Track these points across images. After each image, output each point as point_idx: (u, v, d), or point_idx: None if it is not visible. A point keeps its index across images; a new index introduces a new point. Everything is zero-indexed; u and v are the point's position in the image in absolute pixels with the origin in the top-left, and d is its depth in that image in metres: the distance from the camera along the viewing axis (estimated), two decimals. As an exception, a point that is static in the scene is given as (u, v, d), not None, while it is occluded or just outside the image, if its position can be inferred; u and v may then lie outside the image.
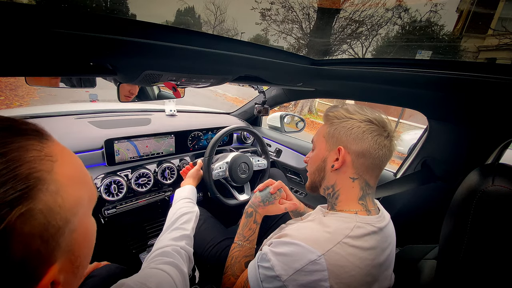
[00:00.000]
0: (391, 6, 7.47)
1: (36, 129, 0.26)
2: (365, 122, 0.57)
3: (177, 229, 0.69)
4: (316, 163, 0.63)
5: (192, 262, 0.65)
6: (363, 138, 0.55)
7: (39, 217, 0.22)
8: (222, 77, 0.78)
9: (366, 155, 0.55)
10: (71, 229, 0.25)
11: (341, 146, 0.57)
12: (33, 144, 0.24)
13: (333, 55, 8.34)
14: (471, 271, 0.47)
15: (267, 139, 1.70)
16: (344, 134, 0.57)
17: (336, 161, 0.58)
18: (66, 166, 0.27)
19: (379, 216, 0.57)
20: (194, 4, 12.64)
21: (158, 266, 0.53)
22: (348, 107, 0.60)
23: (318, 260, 0.47)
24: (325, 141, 0.61)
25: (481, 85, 0.59)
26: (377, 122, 0.57)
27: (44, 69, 0.46)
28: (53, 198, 0.23)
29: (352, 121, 0.57)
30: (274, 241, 0.54)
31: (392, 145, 0.57)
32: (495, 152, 0.80)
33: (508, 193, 0.42)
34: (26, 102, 5.31)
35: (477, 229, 0.45)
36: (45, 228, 0.22)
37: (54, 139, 0.28)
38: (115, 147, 1.10)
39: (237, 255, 0.71)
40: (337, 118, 0.60)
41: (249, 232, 0.75)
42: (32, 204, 0.21)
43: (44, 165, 0.24)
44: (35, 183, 0.22)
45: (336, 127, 0.59)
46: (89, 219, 0.31)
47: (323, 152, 0.61)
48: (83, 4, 4.57)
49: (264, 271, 0.52)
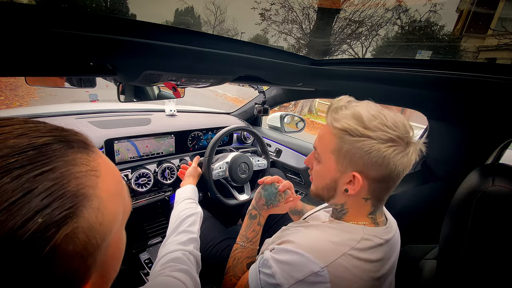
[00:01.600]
0: (391, 6, 7.47)
1: (83, 140, 0.25)
2: (387, 143, 0.45)
3: (184, 232, 0.67)
4: (324, 181, 0.55)
5: (199, 267, 0.64)
6: (384, 164, 0.46)
7: (81, 236, 0.21)
8: (222, 77, 0.78)
9: (386, 179, 0.48)
10: (106, 246, 0.24)
11: (357, 172, 0.48)
12: (81, 158, 0.23)
13: (333, 55, 8.34)
14: (471, 271, 0.47)
15: (267, 139, 1.70)
16: (360, 158, 0.47)
17: (349, 184, 0.51)
18: (108, 181, 0.25)
19: (386, 227, 0.55)
20: (194, 4, 12.64)
21: (172, 274, 0.51)
22: (362, 114, 0.47)
23: (321, 272, 0.46)
24: (334, 159, 0.51)
25: (481, 85, 0.59)
26: (400, 139, 0.46)
27: (44, 69, 0.46)
28: (95, 215, 0.22)
29: (370, 141, 0.46)
30: (277, 247, 0.53)
31: (414, 157, 0.48)
32: (495, 152, 0.80)
33: (508, 193, 0.42)
34: (26, 102, 5.30)
35: (477, 229, 0.45)
36: (85, 247, 0.21)
37: (98, 151, 0.27)
38: (115, 147, 1.10)
39: (240, 256, 0.70)
40: (349, 134, 0.47)
41: (253, 234, 0.73)
42: (76, 223, 0.20)
43: (90, 180, 0.23)
44: (81, 201, 0.21)
45: (348, 147, 0.48)
46: (122, 233, 0.29)
47: (333, 172, 0.52)
48: (83, 4, 4.56)
49: (265, 278, 0.51)
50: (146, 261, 1.23)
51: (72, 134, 0.25)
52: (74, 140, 0.24)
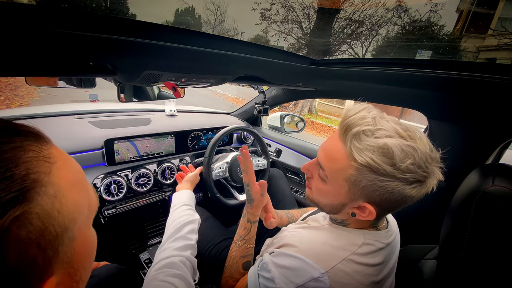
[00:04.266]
0: (391, 6, 7.47)
1: (34, 131, 0.25)
2: (413, 184, 0.41)
3: (181, 239, 0.67)
4: (329, 202, 0.51)
5: (196, 274, 0.64)
6: (403, 200, 0.43)
7: (36, 221, 0.20)
8: (222, 77, 0.78)
9: (399, 207, 0.46)
10: (70, 238, 0.24)
11: (369, 205, 0.45)
12: (31, 145, 0.23)
13: (333, 55, 8.34)
14: (471, 271, 0.46)
15: (267, 139, 1.70)
16: (379, 195, 0.43)
17: (358, 209, 0.47)
18: (65, 169, 0.25)
19: (387, 230, 0.54)
20: (194, 4, 12.64)
21: (166, 278, 0.51)
22: (394, 152, 0.39)
23: (321, 278, 0.46)
24: (346, 188, 0.46)
25: (481, 85, 0.59)
26: (427, 177, 0.42)
27: (44, 69, 0.46)
28: (51, 202, 0.22)
29: (395, 183, 0.41)
30: (276, 251, 0.53)
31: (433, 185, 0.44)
32: (495, 152, 0.80)
33: (508, 193, 0.42)
34: (26, 102, 5.30)
35: (477, 229, 0.45)
36: (42, 234, 0.21)
37: (52, 143, 0.27)
38: (115, 147, 1.10)
39: (235, 255, 0.70)
40: (373, 172, 0.41)
41: (244, 231, 0.73)
42: (28, 207, 0.20)
43: (42, 166, 0.23)
44: (32, 185, 0.21)
45: (368, 183, 0.42)
46: (89, 229, 0.29)
47: (342, 197, 0.48)
48: (83, 4, 4.57)
49: (264, 282, 0.51)
50: (146, 261, 1.23)
51: (21, 125, 0.25)
52: (23, 130, 0.24)
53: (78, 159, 1.02)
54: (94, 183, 1.02)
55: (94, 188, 1.01)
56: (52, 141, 0.27)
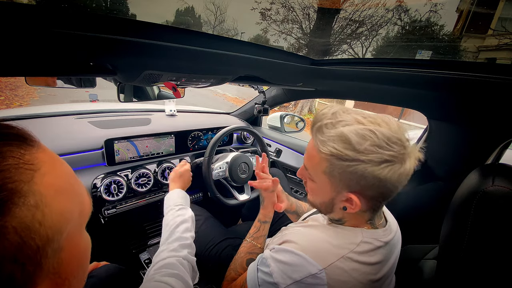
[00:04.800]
0: (391, 6, 7.47)
1: (19, 133, 0.23)
2: (382, 164, 0.42)
3: (176, 241, 0.66)
4: (321, 199, 0.54)
5: (196, 273, 0.64)
6: (381, 184, 0.44)
7: (12, 236, 0.18)
8: (222, 77, 0.78)
9: (385, 195, 0.46)
10: (55, 249, 0.22)
11: (353, 194, 0.46)
12: (12, 150, 0.21)
13: (333, 55, 8.34)
14: (471, 271, 0.47)
15: (267, 139, 1.70)
16: (355, 182, 0.44)
17: (347, 202, 0.49)
18: (51, 175, 0.23)
19: (385, 229, 0.54)
20: (194, 4, 12.63)
21: (162, 278, 0.50)
22: (350, 137, 0.43)
23: (318, 274, 0.46)
24: (328, 181, 0.48)
25: (481, 85, 0.59)
26: (396, 158, 0.42)
27: (44, 69, 0.46)
28: (31, 213, 0.20)
29: (363, 165, 0.42)
30: (276, 247, 0.54)
31: (413, 167, 0.46)
32: (495, 152, 0.80)
33: (508, 193, 0.42)
34: (26, 102, 5.30)
35: (477, 229, 0.45)
36: (20, 249, 0.19)
37: (41, 145, 0.25)
38: (115, 147, 1.10)
39: (242, 250, 0.72)
40: (341, 159, 0.44)
41: (254, 229, 0.76)
42: (3, 221, 0.18)
43: (22, 174, 0.20)
44: (8, 196, 0.19)
45: (340, 171, 0.45)
46: (81, 235, 0.27)
47: (328, 192, 0.50)
48: (83, 4, 4.56)
49: (263, 276, 0.51)
50: (146, 261, 1.23)
51: (4, 127, 0.23)
52: (6, 133, 0.22)
53: (78, 159, 1.03)
54: (94, 183, 1.02)
55: (94, 188, 1.01)
56: (52, 141, 0.26)
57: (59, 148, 0.97)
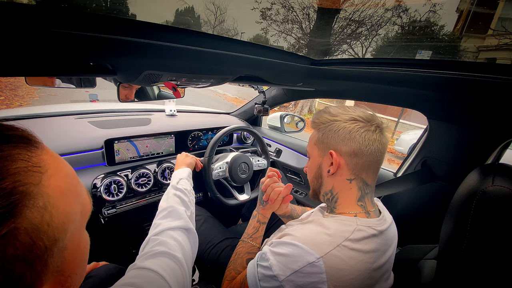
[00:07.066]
0: (391, 6, 7.47)
1: (24, 135, 0.23)
2: (349, 121, 0.56)
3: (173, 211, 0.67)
4: (313, 170, 0.64)
5: (196, 238, 0.64)
6: (351, 138, 0.55)
7: (24, 237, 0.19)
8: (222, 77, 0.78)
9: (358, 153, 0.55)
10: (60, 248, 0.23)
11: (332, 150, 0.57)
12: (20, 153, 0.21)
13: (333, 55, 8.33)
14: (471, 271, 0.46)
15: (267, 139, 1.70)
16: (332, 138, 0.58)
17: (331, 165, 0.58)
18: (56, 177, 0.23)
19: (379, 219, 0.57)
20: (194, 4, 12.63)
21: (144, 264, 0.47)
22: (331, 110, 0.60)
23: (316, 263, 0.47)
24: (317, 148, 0.62)
25: (481, 85, 0.59)
26: (361, 119, 0.56)
27: (44, 69, 0.46)
28: (40, 215, 0.20)
29: (337, 123, 0.57)
30: (274, 241, 0.55)
31: (383, 137, 0.57)
32: (495, 152, 0.80)
33: (508, 193, 0.42)
34: (26, 102, 5.30)
35: (477, 229, 0.45)
36: (30, 249, 0.19)
37: (44, 147, 0.25)
38: (115, 147, 1.10)
39: (240, 251, 0.73)
40: (322, 124, 0.60)
41: (253, 230, 0.76)
42: (15, 224, 0.19)
43: (31, 177, 0.21)
44: (20, 199, 0.19)
45: (323, 132, 0.59)
46: (82, 235, 0.27)
47: (317, 159, 0.62)
48: (83, 4, 4.57)
49: (262, 270, 0.52)
50: (146, 261, 1.22)
51: (10, 129, 0.23)
52: (12, 135, 0.22)
53: (78, 159, 1.03)
54: (94, 183, 1.02)
55: (94, 188, 1.01)
56: (52, 141, 0.26)
57: (59, 148, 0.98)
